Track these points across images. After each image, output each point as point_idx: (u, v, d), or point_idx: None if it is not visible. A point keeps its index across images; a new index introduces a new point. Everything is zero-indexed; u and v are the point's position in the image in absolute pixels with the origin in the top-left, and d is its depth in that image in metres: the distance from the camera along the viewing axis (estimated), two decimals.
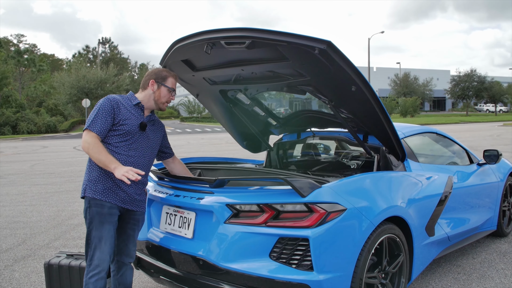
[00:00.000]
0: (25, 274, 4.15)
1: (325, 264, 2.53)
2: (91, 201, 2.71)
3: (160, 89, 2.89)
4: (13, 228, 5.83)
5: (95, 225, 2.71)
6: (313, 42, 2.64)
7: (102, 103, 2.75)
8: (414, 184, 3.43)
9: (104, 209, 2.71)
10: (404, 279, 3.15)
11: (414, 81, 60.29)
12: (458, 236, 3.97)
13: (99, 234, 2.71)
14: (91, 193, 2.71)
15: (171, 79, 2.93)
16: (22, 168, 12.68)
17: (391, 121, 3.18)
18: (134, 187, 2.83)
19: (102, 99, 2.79)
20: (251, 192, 2.88)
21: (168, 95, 2.92)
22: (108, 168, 2.61)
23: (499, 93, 55.76)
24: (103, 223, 2.71)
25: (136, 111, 2.84)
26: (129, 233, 2.94)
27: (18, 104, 38.05)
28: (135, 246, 2.98)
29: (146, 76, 2.96)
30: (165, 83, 2.90)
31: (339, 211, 2.61)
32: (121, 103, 2.80)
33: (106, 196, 2.72)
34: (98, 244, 2.70)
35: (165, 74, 2.92)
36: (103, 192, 2.71)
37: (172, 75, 2.94)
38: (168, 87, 2.90)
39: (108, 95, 2.83)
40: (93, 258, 2.70)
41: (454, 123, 38.26)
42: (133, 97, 2.88)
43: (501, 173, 4.84)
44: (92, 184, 2.72)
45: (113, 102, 2.76)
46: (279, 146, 4.64)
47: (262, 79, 3.47)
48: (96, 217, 2.70)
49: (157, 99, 2.89)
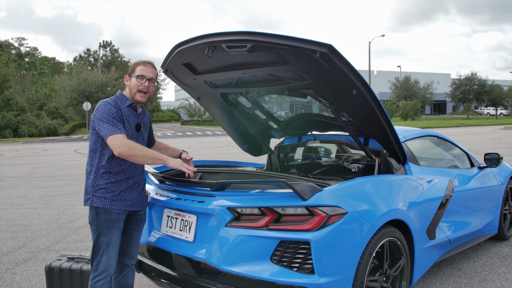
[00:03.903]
0: (26, 277, 4.15)
1: (326, 268, 2.53)
2: (99, 210, 2.70)
3: (131, 80, 2.86)
4: (14, 231, 5.83)
5: (103, 232, 2.71)
6: (314, 46, 2.64)
7: (106, 109, 2.71)
8: (415, 187, 3.43)
9: (112, 215, 2.72)
10: (405, 283, 3.15)
11: (414, 85, 60.34)
12: (459, 240, 3.97)
13: (107, 240, 2.72)
14: (99, 203, 2.70)
15: (139, 67, 2.85)
16: (23, 171, 12.68)
17: (392, 125, 3.18)
18: (139, 188, 2.85)
19: (103, 105, 2.73)
20: (252, 195, 2.88)
21: (138, 83, 2.82)
22: (159, 161, 2.70)
23: (499, 97, 55.70)
24: (111, 229, 2.73)
25: (130, 112, 2.84)
26: (133, 234, 2.95)
27: (19, 107, 38.07)
28: (137, 247, 2.99)
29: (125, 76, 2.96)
30: (133, 74, 2.85)
31: (340, 215, 2.61)
32: (120, 108, 2.78)
33: (115, 204, 2.72)
34: (105, 250, 2.71)
35: (133, 66, 2.88)
36: (112, 200, 2.71)
37: (140, 63, 2.88)
38: (135, 75, 2.84)
39: (105, 100, 2.78)
40: (100, 263, 2.71)
41: (455, 126, 38.23)
42: (124, 98, 2.85)
43: (502, 176, 4.84)
44: (100, 193, 2.71)
45: (116, 107, 2.75)
46: (280, 150, 4.64)
47: (263, 83, 3.48)
48: (104, 223, 2.71)
49: (130, 91, 2.85)
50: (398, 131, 3.39)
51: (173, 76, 3.68)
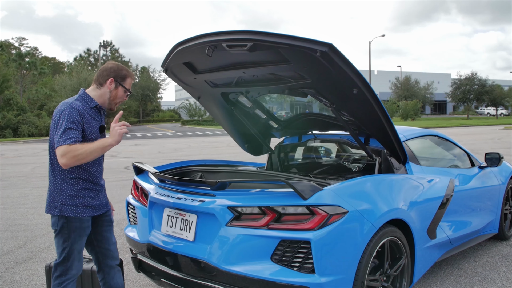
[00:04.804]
0: (26, 277, 4.15)
1: (326, 267, 2.53)
2: (69, 219, 2.64)
3: (118, 89, 2.73)
4: (14, 231, 5.83)
5: (76, 240, 2.68)
6: (314, 45, 2.64)
7: (69, 114, 2.52)
8: (416, 187, 3.43)
9: (84, 223, 2.69)
10: (406, 282, 3.15)
11: (415, 85, 60.32)
12: (460, 239, 3.96)
13: (79, 247, 2.71)
14: (70, 212, 2.63)
15: (129, 80, 2.77)
16: (23, 170, 12.68)
17: (392, 124, 3.18)
18: (102, 191, 2.84)
19: (68, 109, 2.54)
20: (252, 194, 2.88)
21: (123, 95, 2.76)
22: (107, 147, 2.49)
23: (500, 97, 55.69)
24: (83, 236, 2.72)
25: (95, 114, 2.70)
26: (107, 235, 2.92)
27: (19, 107, 38.03)
28: (115, 246, 2.98)
29: (104, 72, 2.72)
30: (123, 83, 2.74)
31: (340, 214, 2.60)
32: (85, 111, 2.61)
33: (84, 211, 2.68)
34: (77, 256, 2.71)
35: (124, 73, 2.74)
36: (82, 208, 2.66)
37: (131, 75, 2.79)
38: (125, 87, 2.76)
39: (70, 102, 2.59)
40: (71, 268, 2.69)
41: (455, 126, 38.21)
42: (89, 98, 2.68)
43: (503, 176, 4.84)
44: (69, 201, 2.63)
45: (80, 112, 2.57)
46: (281, 149, 4.64)
47: (263, 82, 3.48)
48: (77, 232, 2.67)
49: (112, 99, 2.73)
50: (398, 131, 3.38)
51: (173, 75, 3.67)
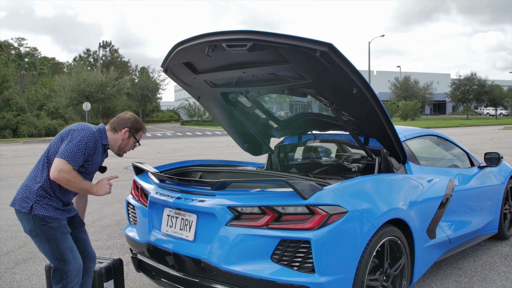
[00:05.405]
0: (26, 277, 4.15)
1: (326, 267, 2.53)
2: (46, 219, 2.66)
3: (130, 139, 2.94)
4: (14, 231, 5.83)
5: (60, 238, 2.68)
6: (314, 45, 2.64)
7: (87, 140, 2.70)
8: (415, 186, 3.43)
9: (61, 221, 2.72)
10: (406, 282, 3.15)
11: (414, 85, 60.33)
12: (459, 239, 3.97)
13: (69, 245, 2.71)
14: (44, 211, 2.65)
15: (141, 133, 3.00)
16: (23, 171, 12.67)
17: (392, 124, 3.18)
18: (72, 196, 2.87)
19: (87, 134, 2.72)
20: (252, 194, 2.88)
21: (132, 145, 2.97)
22: (88, 192, 2.72)
23: (499, 97, 55.70)
24: (66, 234, 2.73)
25: (102, 150, 2.87)
26: (82, 236, 2.94)
27: (18, 108, 38.01)
28: (91, 247, 2.99)
29: (122, 121, 2.93)
30: (136, 135, 2.95)
31: (340, 213, 2.61)
32: (98, 143, 2.79)
33: (58, 213, 2.72)
34: (70, 254, 2.69)
35: (139, 127, 2.96)
36: (56, 211, 2.70)
37: (144, 128, 3.01)
38: (136, 139, 2.97)
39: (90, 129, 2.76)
40: (70, 271, 2.68)
41: (455, 126, 38.21)
42: (105, 136, 2.86)
43: (502, 176, 4.84)
44: (44, 201, 2.67)
45: (95, 142, 2.76)
46: (280, 149, 4.64)
47: (263, 82, 3.48)
48: (59, 230, 2.69)
49: (123, 147, 2.94)
50: (398, 131, 3.38)
51: (173, 75, 3.68)
